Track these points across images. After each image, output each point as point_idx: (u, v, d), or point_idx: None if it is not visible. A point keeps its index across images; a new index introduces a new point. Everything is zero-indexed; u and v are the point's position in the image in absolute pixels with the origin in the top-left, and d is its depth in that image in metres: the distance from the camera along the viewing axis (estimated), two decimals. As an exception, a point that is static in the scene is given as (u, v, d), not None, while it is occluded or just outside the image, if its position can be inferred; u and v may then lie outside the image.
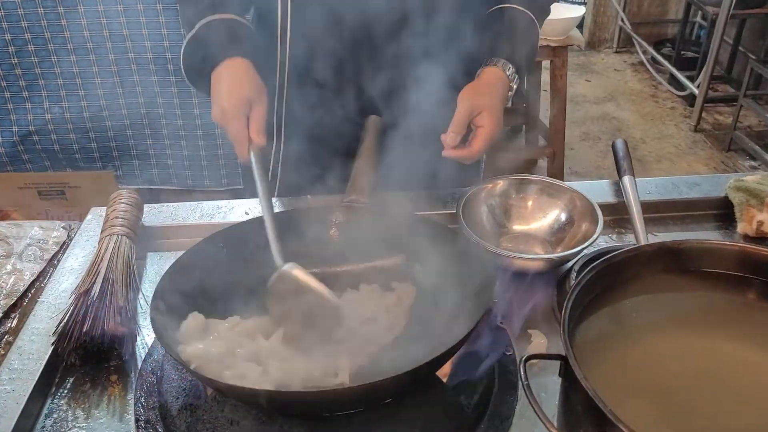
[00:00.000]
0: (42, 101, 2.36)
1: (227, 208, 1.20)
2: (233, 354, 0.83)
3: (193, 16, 1.08)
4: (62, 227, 1.20)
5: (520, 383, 0.66)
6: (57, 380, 0.90)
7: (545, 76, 3.09)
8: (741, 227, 1.12)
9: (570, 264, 1.03)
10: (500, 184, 1.15)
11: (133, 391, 0.86)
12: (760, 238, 1.10)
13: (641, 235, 1.01)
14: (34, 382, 0.85)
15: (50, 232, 1.19)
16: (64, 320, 0.90)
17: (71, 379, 0.90)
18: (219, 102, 1.01)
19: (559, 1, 2.91)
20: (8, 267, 1.09)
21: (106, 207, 1.13)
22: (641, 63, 4.73)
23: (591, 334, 0.72)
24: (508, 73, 1.10)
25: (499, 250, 1.02)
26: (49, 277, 1.07)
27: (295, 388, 0.79)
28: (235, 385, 0.76)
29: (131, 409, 0.84)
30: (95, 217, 1.19)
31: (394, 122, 1.10)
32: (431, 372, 0.81)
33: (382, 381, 0.71)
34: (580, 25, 4.47)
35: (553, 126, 3.06)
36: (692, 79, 3.97)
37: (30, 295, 1.06)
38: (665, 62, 4.38)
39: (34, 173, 2.40)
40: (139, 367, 0.89)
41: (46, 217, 2.27)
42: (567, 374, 0.66)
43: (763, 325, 0.76)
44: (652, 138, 3.84)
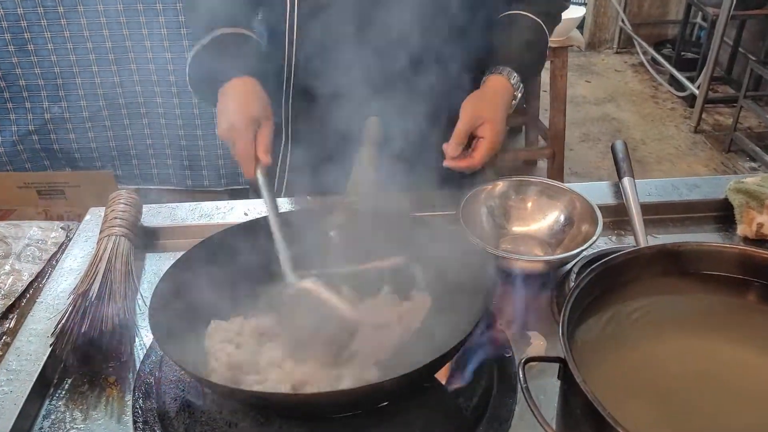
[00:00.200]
0: (41, 101, 2.36)
1: (226, 209, 1.20)
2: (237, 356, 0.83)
3: (200, 29, 1.08)
4: (61, 227, 1.20)
5: (519, 386, 0.66)
6: (55, 381, 0.89)
7: (545, 77, 3.08)
8: (741, 229, 1.12)
9: (569, 266, 1.03)
10: (500, 186, 1.14)
11: (131, 393, 0.86)
12: (760, 241, 1.10)
13: (641, 237, 1.01)
14: (32, 383, 0.85)
15: (49, 232, 1.18)
16: (63, 321, 0.90)
17: (69, 380, 0.90)
18: (227, 119, 1.01)
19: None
20: (6, 267, 1.09)
21: (104, 207, 1.13)
22: (641, 64, 4.73)
23: (590, 336, 0.72)
24: (512, 81, 1.09)
25: (499, 251, 1.02)
26: (48, 278, 1.07)
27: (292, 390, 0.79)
28: (224, 386, 0.75)
29: (129, 410, 0.84)
30: (94, 218, 1.19)
31: (398, 125, 1.10)
32: (429, 374, 0.80)
33: (379, 384, 0.70)
34: (581, 26, 4.47)
35: (553, 126, 3.05)
36: (692, 80, 3.97)
37: (28, 295, 1.05)
38: (665, 63, 4.38)
39: (33, 173, 2.39)
40: (138, 369, 0.89)
41: (45, 217, 2.26)
42: (566, 377, 0.65)
43: (763, 328, 0.76)
44: (652, 139, 3.83)
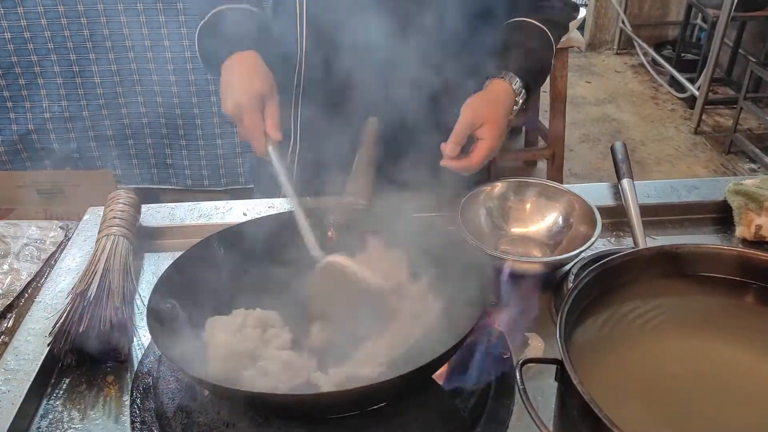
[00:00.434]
0: (41, 100, 2.36)
1: (225, 209, 1.20)
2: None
3: (206, 4, 1.08)
4: (60, 227, 1.20)
5: (517, 387, 0.66)
6: (53, 381, 0.89)
7: (545, 78, 3.08)
8: (739, 231, 1.12)
9: (568, 267, 1.03)
10: (498, 187, 1.14)
11: (129, 392, 0.86)
12: (759, 242, 1.10)
13: (640, 238, 1.01)
14: (29, 383, 0.85)
15: (48, 231, 1.18)
16: (61, 320, 0.90)
17: (67, 380, 0.90)
18: (232, 95, 1.00)
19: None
20: (5, 267, 1.09)
21: (103, 207, 1.13)
22: (641, 65, 4.73)
23: (588, 338, 0.72)
24: (514, 87, 1.09)
25: (497, 252, 1.02)
26: (46, 277, 1.07)
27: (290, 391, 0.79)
28: (222, 386, 0.75)
29: (127, 410, 0.84)
30: (93, 217, 1.19)
31: (400, 124, 1.09)
32: (426, 375, 0.80)
33: (377, 384, 0.70)
34: (581, 27, 4.49)
35: (553, 127, 3.05)
36: (692, 81, 3.97)
37: (27, 295, 1.05)
38: (666, 64, 4.37)
39: (33, 172, 2.40)
40: (135, 368, 0.89)
41: (45, 216, 2.26)
42: (563, 378, 0.65)
43: (761, 330, 0.76)
44: (652, 140, 3.83)
